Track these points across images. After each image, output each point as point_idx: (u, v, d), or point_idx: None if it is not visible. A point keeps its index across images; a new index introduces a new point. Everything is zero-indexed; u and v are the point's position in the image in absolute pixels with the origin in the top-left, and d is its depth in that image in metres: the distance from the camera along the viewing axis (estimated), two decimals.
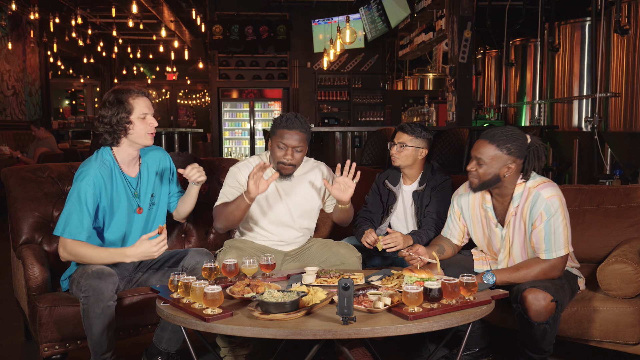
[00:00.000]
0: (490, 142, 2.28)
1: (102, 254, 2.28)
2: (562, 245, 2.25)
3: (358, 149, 6.62)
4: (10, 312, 3.23)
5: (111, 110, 2.32)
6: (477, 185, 2.34)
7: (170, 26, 11.01)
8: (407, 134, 2.81)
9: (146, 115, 2.37)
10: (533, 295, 2.15)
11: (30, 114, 9.80)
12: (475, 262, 2.52)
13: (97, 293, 2.14)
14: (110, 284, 2.18)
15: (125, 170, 2.44)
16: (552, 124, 6.94)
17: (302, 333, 1.74)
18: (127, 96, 2.34)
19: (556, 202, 2.25)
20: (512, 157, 2.27)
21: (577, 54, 6.56)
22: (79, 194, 2.28)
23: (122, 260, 2.27)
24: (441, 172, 2.89)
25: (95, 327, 2.17)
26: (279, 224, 2.70)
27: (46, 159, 6.47)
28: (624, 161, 5.60)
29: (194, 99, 16.86)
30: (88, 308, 2.16)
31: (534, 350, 2.23)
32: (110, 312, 2.19)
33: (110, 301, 2.18)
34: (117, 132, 2.34)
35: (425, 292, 1.87)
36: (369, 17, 9.91)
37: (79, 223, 2.26)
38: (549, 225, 2.24)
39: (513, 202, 2.35)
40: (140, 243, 2.21)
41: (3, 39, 8.99)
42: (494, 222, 2.42)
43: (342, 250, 2.60)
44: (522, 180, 2.33)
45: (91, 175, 2.31)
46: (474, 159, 2.32)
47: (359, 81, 11.95)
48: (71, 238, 2.26)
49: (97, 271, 2.18)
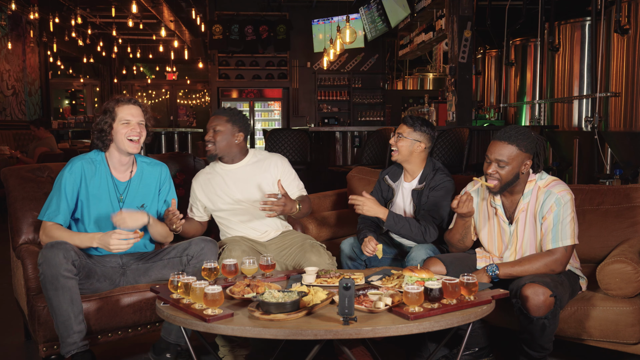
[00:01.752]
0: (509, 143, 2.31)
1: (74, 236, 2.39)
2: (569, 235, 2.28)
3: (358, 148, 6.62)
4: (10, 312, 3.23)
5: (102, 118, 2.49)
6: (499, 187, 2.36)
7: (170, 26, 11.01)
8: (406, 125, 2.82)
9: (129, 122, 2.47)
10: (532, 290, 2.16)
11: (30, 114, 9.80)
12: (478, 260, 2.53)
13: (48, 260, 2.18)
14: (61, 251, 2.20)
15: (115, 173, 2.55)
16: (552, 124, 6.95)
17: (303, 333, 1.74)
18: (114, 104, 2.50)
19: (567, 196, 2.31)
20: (528, 154, 2.33)
21: (577, 53, 6.57)
22: (60, 181, 2.45)
23: (89, 244, 2.36)
24: (443, 173, 2.84)
25: (55, 301, 2.18)
26: (240, 213, 2.80)
27: (46, 159, 6.46)
28: (624, 161, 5.60)
29: (194, 99, 16.84)
30: (44, 278, 2.19)
31: (533, 347, 2.23)
32: (69, 285, 2.20)
33: (63, 270, 2.19)
34: (102, 138, 2.49)
35: (425, 292, 1.87)
36: (368, 17, 9.91)
37: (56, 207, 2.41)
38: (558, 215, 2.29)
39: (523, 198, 2.38)
40: (108, 234, 2.31)
41: (3, 38, 8.99)
42: (503, 219, 2.44)
43: (313, 257, 2.63)
44: (533, 177, 2.38)
45: (73, 167, 2.48)
46: (494, 162, 2.33)
47: (358, 81, 11.95)
48: (49, 220, 2.38)
49: (51, 242, 2.26)
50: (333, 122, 11.24)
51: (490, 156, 2.35)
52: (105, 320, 2.37)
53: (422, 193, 2.81)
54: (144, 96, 16.38)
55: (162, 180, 2.66)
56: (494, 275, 2.31)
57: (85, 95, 15.54)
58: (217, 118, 2.74)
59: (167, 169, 2.71)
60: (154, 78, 16.73)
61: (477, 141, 6.36)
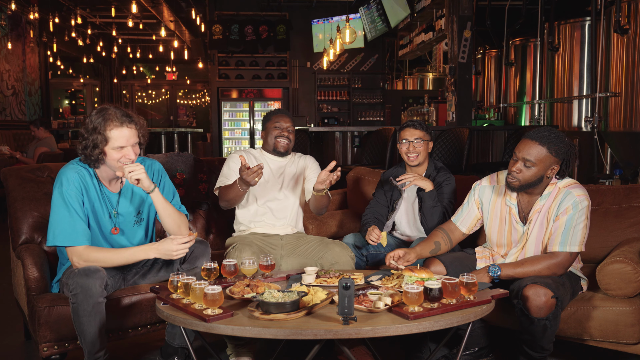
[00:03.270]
0: (540, 144, 2.24)
1: (124, 253, 2.28)
2: (578, 242, 2.26)
3: (358, 148, 6.62)
4: (10, 312, 3.23)
5: (89, 136, 2.23)
6: (518, 186, 2.31)
7: (170, 26, 11.01)
8: (419, 129, 2.91)
9: (122, 148, 2.25)
10: (534, 290, 2.15)
11: (30, 114, 9.80)
12: (478, 261, 2.52)
13: (85, 290, 2.11)
14: (97, 280, 2.13)
15: (106, 184, 2.38)
16: (552, 124, 6.94)
17: (303, 333, 1.74)
18: (106, 125, 2.22)
19: (585, 202, 2.28)
20: (557, 159, 2.26)
21: (577, 53, 6.57)
22: (64, 199, 2.23)
23: (144, 257, 2.27)
24: (445, 171, 2.96)
25: (87, 326, 2.14)
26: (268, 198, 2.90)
27: (46, 159, 6.47)
28: (623, 161, 5.60)
29: (194, 99, 16.84)
30: (78, 306, 2.13)
31: (534, 348, 2.23)
32: (100, 309, 2.16)
33: (99, 298, 2.14)
34: (90, 158, 2.26)
35: (425, 291, 1.87)
36: (368, 17, 9.91)
37: (72, 228, 2.22)
38: (572, 219, 2.26)
39: (540, 200, 2.35)
40: (166, 241, 2.23)
41: (3, 38, 8.98)
42: (516, 219, 2.42)
43: (336, 248, 2.67)
44: (554, 181, 2.34)
45: (70, 178, 2.26)
46: (520, 160, 2.27)
47: (358, 81, 11.95)
48: (76, 245, 2.23)
49: (84, 269, 2.16)
50: (333, 122, 11.24)
51: (518, 154, 2.27)
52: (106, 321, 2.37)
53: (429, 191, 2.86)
54: (144, 96, 16.38)
55: (153, 175, 2.47)
56: (496, 277, 2.30)
57: (85, 95, 15.53)
58: (287, 118, 2.96)
59: (158, 164, 2.54)
60: (154, 78, 16.73)
61: (477, 141, 6.37)
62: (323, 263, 2.66)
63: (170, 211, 2.38)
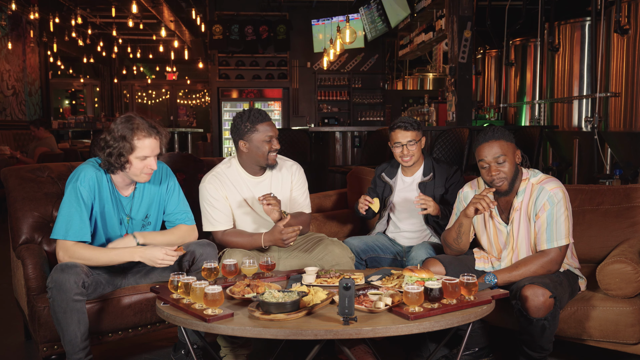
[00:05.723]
0: (495, 140, 2.35)
1: (108, 253, 2.28)
2: (563, 235, 2.29)
3: (358, 148, 6.62)
4: (10, 312, 3.23)
5: (114, 143, 2.25)
6: (507, 185, 2.37)
7: (170, 26, 11.01)
8: (411, 130, 2.86)
9: (146, 158, 2.29)
10: (532, 291, 2.16)
11: (30, 114, 9.80)
12: (477, 261, 2.53)
13: (59, 285, 2.11)
14: (72, 276, 2.11)
15: (119, 188, 2.41)
16: (552, 124, 6.94)
17: (304, 333, 1.74)
18: (133, 134, 2.26)
19: (559, 194, 2.31)
20: (513, 143, 2.38)
21: (577, 53, 6.56)
22: (77, 193, 2.26)
23: (129, 259, 2.28)
24: (446, 164, 2.96)
25: (63, 323, 2.13)
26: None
27: (46, 159, 6.47)
28: (623, 161, 5.60)
29: (194, 99, 16.85)
30: (53, 302, 2.13)
31: (533, 348, 2.24)
32: (77, 307, 2.13)
33: (75, 295, 2.11)
34: (113, 166, 2.28)
35: (426, 292, 1.87)
36: (368, 17, 9.91)
37: (82, 223, 2.25)
38: (552, 214, 2.29)
39: (517, 198, 2.39)
40: (154, 248, 2.24)
41: (3, 38, 8.98)
42: (499, 221, 2.45)
43: (336, 249, 2.63)
44: (526, 176, 2.40)
45: (87, 176, 2.29)
46: (493, 162, 2.34)
47: (358, 81, 11.95)
48: (76, 240, 2.24)
49: (62, 265, 2.17)
50: (333, 122, 11.24)
51: (486, 159, 2.35)
52: (106, 321, 2.37)
53: (434, 184, 2.88)
54: (144, 96, 16.39)
55: (161, 177, 2.50)
56: (493, 285, 2.29)
57: (85, 95, 15.54)
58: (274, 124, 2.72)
59: (166, 167, 2.57)
60: (154, 78, 16.73)
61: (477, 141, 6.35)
62: (323, 264, 2.63)
63: (174, 240, 2.45)
